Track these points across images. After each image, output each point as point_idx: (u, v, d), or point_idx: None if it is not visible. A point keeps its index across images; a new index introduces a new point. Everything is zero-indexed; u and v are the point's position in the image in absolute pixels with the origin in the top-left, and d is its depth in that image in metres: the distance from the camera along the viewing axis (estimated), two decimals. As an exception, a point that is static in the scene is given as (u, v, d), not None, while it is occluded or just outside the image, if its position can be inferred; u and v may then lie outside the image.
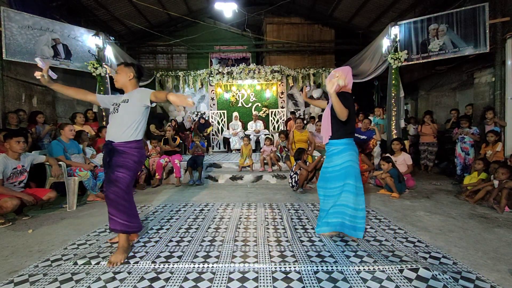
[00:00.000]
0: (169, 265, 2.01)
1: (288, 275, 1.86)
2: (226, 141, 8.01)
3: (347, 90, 2.41)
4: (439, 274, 1.83)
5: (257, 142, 7.73)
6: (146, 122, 2.32)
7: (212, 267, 1.98)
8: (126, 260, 2.10)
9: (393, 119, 5.32)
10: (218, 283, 1.77)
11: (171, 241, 2.47)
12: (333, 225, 2.46)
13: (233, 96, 8.55)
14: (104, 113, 5.48)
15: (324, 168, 2.55)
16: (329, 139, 2.46)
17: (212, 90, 8.43)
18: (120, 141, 2.19)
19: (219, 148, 8.22)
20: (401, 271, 1.89)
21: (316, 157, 4.92)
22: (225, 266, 1.98)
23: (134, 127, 2.21)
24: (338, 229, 2.46)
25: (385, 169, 4.21)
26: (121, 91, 2.39)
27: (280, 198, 4.04)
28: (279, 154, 5.78)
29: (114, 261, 2.06)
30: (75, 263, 2.05)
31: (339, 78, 2.17)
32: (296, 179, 4.41)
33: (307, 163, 4.61)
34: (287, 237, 2.52)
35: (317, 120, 6.61)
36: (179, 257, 2.14)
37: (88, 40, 5.42)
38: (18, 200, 2.96)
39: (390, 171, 4.16)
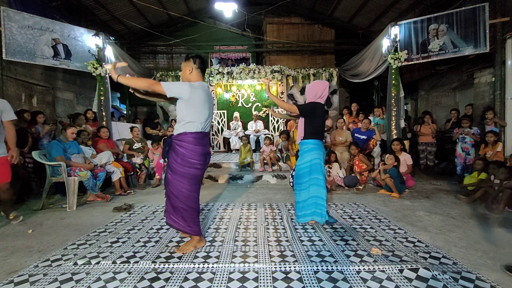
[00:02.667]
0: (169, 265, 2.01)
1: (288, 275, 1.86)
2: (226, 141, 8.00)
3: (319, 100, 2.85)
4: (439, 274, 1.83)
5: (257, 142, 7.72)
6: (189, 114, 2.16)
7: (212, 267, 1.98)
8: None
9: (393, 119, 5.32)
10: (218, 283, 1.77)
11: (171, 241, 2.47)
12: (309, 214, 2.83)
13: (233, 96, 8.54)
14: (104, 113, 5.47)
15: (297, 166, 2.93)
16: (302, 139, 2.88)
17: (212, 90, 8.41)
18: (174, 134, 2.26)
19: (219, 148, 8.22)
20: (401, 271, 1.89)
21: None
22: (225, 266, 1.98)
23: (178, 119, 2.24)
24: (313, 218, 2.82)
25: (390, 163, 4.21)
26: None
27: (280, 198, 4.04)
28: (279, 154, 5.78)
29: (182, 250, 2.23)
30: (75, 263, 2.05)
31: (268, 84, 3.12)
32: (296, 179, 4.40)
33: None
34: (287, 237, 2.52)
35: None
36: (179, 257, 2.14)
37: (88, 40, 5.41)
38: None
39: (390, 171, 4.16)
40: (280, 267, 1.95)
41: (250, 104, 8.57)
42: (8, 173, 3.02)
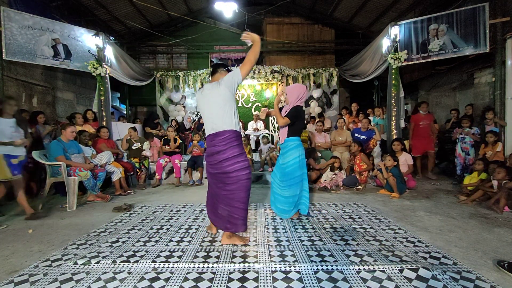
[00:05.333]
0: (169, 265, 2.01)
1: (288, 275, 1.86)
2: (226, 141, 7.97)
3: (298, 103, 3.00)
4: (439, 274, 1.83)
5: (257, 142, 7.72)
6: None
7: (212, 267, 1.98)
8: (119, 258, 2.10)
9: (393, 119, 5.32)
10: (218, 283, 1.77)
11: (171, 241, 2.47)
12: (295, 208, 3.02)
13: (233, 96, 8.54)
14: (104, 113, 5.47)
15: (287, 162, 3.00)
16: (286, 138, 3.03)
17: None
18: None
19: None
20: (401, 271, 1.89)
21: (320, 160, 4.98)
22: (225, 266, 1.98)
23: None
24: (299, 209, 3.06)
25: (389, 165, 4.21)
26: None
27: (280, 198, 4.04)
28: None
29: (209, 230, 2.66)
30: (75, 263, 2.05)
31: (283, 94, 3.11)
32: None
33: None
34: (287, 237, 2.52)
35: (317, 120, 6.62)
36: (179, 257, 2.14)
37: (88, 40, 5.41)
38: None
39: (392, 170, 4.15)
40: (280, 267, 1.95)
41: (250, 104, 8.57)
42: None
